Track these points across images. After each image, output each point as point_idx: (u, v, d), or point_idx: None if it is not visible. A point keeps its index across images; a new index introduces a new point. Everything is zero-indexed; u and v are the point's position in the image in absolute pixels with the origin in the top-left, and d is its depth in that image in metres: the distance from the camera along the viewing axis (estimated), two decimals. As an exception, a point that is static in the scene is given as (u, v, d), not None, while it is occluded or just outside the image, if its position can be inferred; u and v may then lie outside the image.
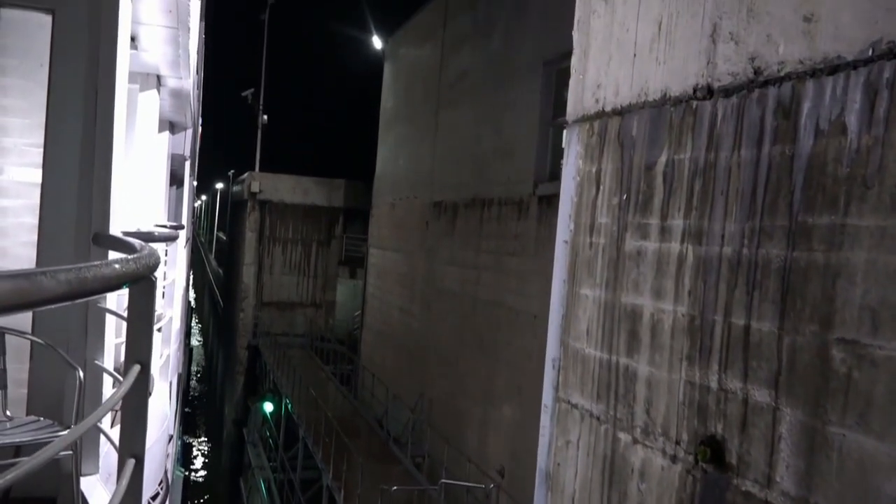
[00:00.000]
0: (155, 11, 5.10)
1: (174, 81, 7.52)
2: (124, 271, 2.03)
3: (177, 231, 7.27)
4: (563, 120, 12.83)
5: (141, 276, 2.22)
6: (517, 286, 14.18)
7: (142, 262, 2.21)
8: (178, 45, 6.01)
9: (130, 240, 3.33)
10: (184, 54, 6.38)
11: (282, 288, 32.01)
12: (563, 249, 4.50)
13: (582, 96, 4.50)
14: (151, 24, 5.42)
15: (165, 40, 5.88)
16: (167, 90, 7.88)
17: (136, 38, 5.67)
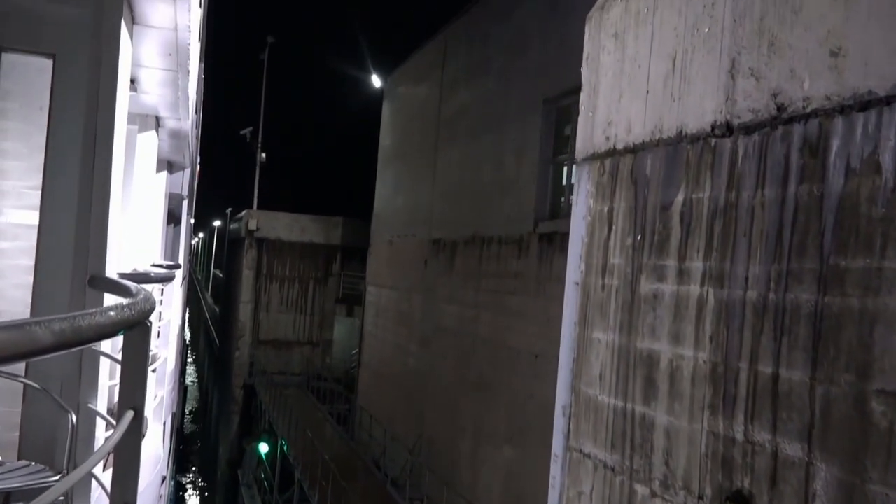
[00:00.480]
0: (155, 55, 5.13)
1: (173, 122, 7.56)
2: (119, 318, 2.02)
3: (173, 271, 7.29)
4: (563, 158, 12.79)
5: (136, 322, 2.20)
6: (518, 325, 13.99)
7: (137, 308, 2.20)
8: (177, 87, 6.04)
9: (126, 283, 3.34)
10: (183, 96, 6.40)
11: (278, 326, 31.71)
12: (573, 291, 4.35)
13: (592, 134, 4.39)
14: (151, 67, 5.45)
15: (165, 83, 5.92)
16: (166, 131, 7.94)
17: (136, 81, 5.71)
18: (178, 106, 6.75)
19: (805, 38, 2.89)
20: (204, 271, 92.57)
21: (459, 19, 19.94)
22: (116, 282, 3.58)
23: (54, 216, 3.74)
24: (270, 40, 39.34)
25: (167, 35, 4.73)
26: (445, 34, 20.94)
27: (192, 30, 4.73)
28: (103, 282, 3.68)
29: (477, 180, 17.13)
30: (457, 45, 19.97)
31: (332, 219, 33.24)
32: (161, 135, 7.89)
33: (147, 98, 6.37)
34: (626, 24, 4.16)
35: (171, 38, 4.80)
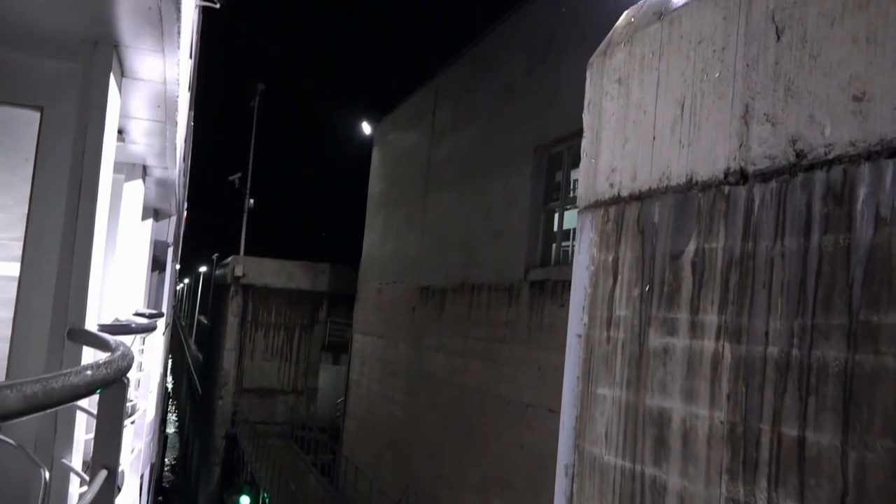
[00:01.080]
0: (143, 107, 5.15)
1: (160, 171, 7.62)
2: (94, 378, 2.00)
3: (155, 321, 7.19)
4: (554, 205, 12.69)
5: (112, 380, 2.18)
6: (508, 374, 13.73)
7: (113, 367, 2.19)
8: (165, 137, 6.06)
9: (105, 337, 3.35)
10: (170, 146, 6.43)
11: (263, 374, 31.20)
12: (575, 343, 4.16)
13: (595, 181, 4.25)
14: (140, 119, 5.48)
15: (153, 133, 5.94)
16: (153, 179, 7.98)
17: (123, 131, 5.74)
18: (165, 155, 6.77)
19: (825, 83, 2.77)
20: (188, 318, 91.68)
21: (450, 67, 20.07)
22: (95, 335, 3.54)
23: (35, 268, 3.74)
24: (261, 87, 39.55)
25: (156, 87, 4.74)
26: (436, 82, 21.07)
27: (180, 83, 4.74)
28: (82, 335, 3.64)
29: (467, 227, 17.03)
30: (447, 93, 20.06)
31: (319, 265, 33.02)
32: (148, 183, 7.92)
33: (135, 148, 6.40)
34: (630, 70, 4.05)
35: (159, 90, 4.80)
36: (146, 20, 3.70)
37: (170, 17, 3.70)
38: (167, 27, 3.79)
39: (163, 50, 4.09)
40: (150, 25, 3.75)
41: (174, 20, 3.76)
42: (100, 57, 3.92)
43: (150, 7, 3.55)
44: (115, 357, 2.30)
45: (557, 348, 12.05)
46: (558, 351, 12.28)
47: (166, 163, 7.13)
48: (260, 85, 39.83)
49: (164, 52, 4.12)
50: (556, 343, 12.16)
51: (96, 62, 3.92)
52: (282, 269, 32.64)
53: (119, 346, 2.68)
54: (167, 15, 3.65)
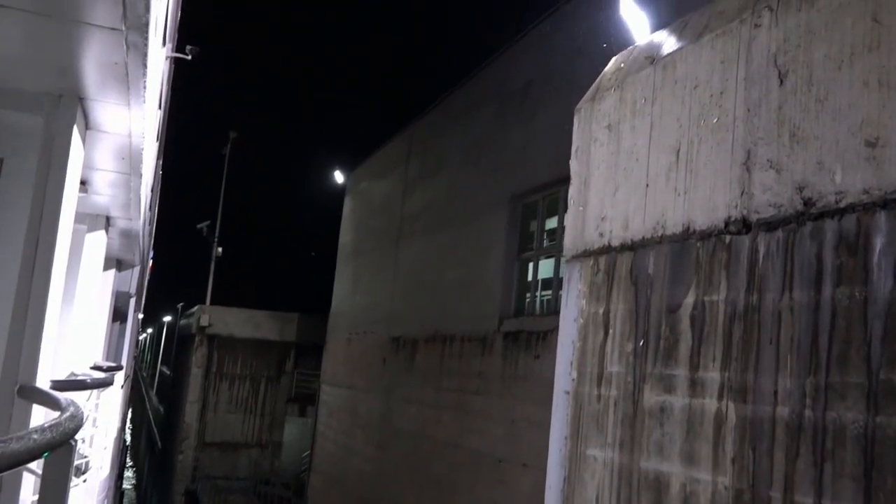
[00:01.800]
0: (108, 158, 5.10)
1: (124, 222, 7.56)
2: (38, 444, 1.91)
3: (112, 375, 7.10)
4: (529, 255, 12.55)
5: (58, 444, 2.10)
6: (481, 427, 13.39)
7: (59, 430, 2.11)
8: (129, 189, 5.99)
9: (55, 395, 3.22)
10: (135, 197, 6.36)
11: (226, 427, 30.31)
12: (562, 401, 3.94)
13: (583, 230, 4.09)
14: (104, 170, 5.41)
15: (117, 184, 5.87)
16: (117, 230, 7.91)
17: (87, 182, 5.66)
18: (129, 207, 6.70)
19: (833, 128, 2.64)
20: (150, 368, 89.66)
21: (424, 117, 20.11)
22: (46, 393, 3.45)
23: (-13, 321, 3.64)
24: (233, 135, 39.39)
25: (121, 140, 4.67)
26: (409, 131, 21.07)
27: (146, 135, 4.69)
28: (32, 393, 3.54)
29: (440, 277, 16.82)
30: (421, 142, 20.05)
31: (287, 314, 32.45)
32: (111, 234, 7.83)
33: (98, 199, 6.32)
34: (620, 116, 3.93)
35: (124, 142, 4.73)
36: (112, 75, 3.64)
37: (136, 72, 3.62)
38: (133, 82, 3.72)
39: (129, 103, 4.02)
40: (116, 80, 3.69)
41: (140, 75, 3.67)
42: (64, 110, 3.88)
43: (117, 62, 3.48)
44: (62, 419, 2.20)
45: (532, 401, 11.79)
46: (533, 403, 12.05)
47: (130, 214, 7.05)
48: (232, 133, 39.70)
49: (130, 106, 4.06)
50: (530, 395, 11.90)
51: (60, 115, 3.87)
52: (249, 318, 32.02)
53: (69, 406, 2.57)
54: (134, 70, 3.58)
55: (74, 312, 6.84)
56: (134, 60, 3.48)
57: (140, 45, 3.33)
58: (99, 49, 3.37)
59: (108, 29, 3.19)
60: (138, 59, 3.47)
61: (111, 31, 3.21)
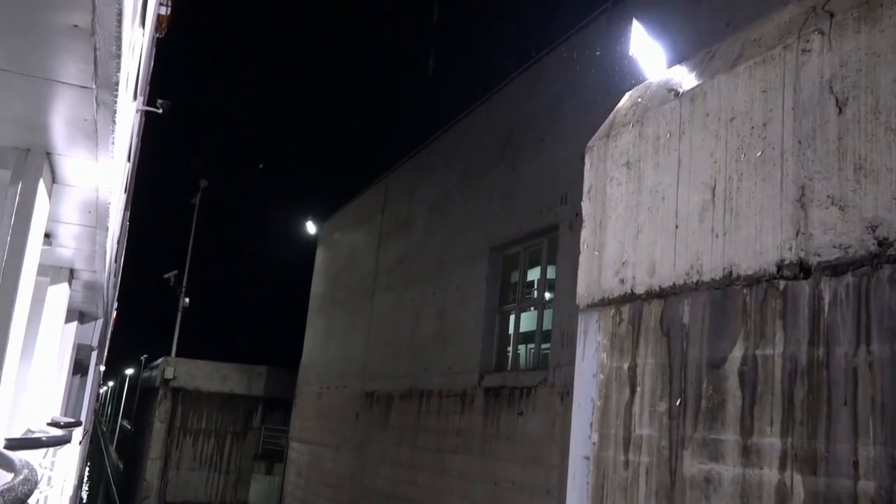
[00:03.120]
0: (74, 211, 5.07)
1: (88, 275, 7.48)
2: None
3: (70, 431, 7.01)
4: (510, 307, 12.17)
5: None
6: (460, 489, 12.81)
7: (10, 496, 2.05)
8: (95, 242, 5.95)
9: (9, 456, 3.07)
10: (100, 250, 6.31)
11: (188, 486, 29.07)
12: (581, 467, 3.53)
13: (600, 276, 3.74)
14: (69, 223, 5.39)
15: (82, 238, 5.83)
16: (80, 282, 7.80)
17: (51, 235, 5.61)
18: (94, 259, 6.64)
19: (912, 158, 2.33)
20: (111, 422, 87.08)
21: (399, 167, 19.87)
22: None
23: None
24: (203, 184, 38.85)
25: (88, 194, 4.64)
26: (384, 182, 20.80)
27: (113, 189, 4.68)
28: None
29: (416, 330, 16.35)
30: (396, 193, 19.77)
31: (255, 368, 31.55)
32: (74, 286, 7.75)
33: (63, 251, 6.24)
34: (641, 152, 3.62)
35: (91, 196, 4.70)
36: (81, 131, 3.61)
37: (105, 129, 3.59)
38: (102, 137, 3.69)
39: (97, 158, 3.97)
40: (85, 136, 3.66)
41: (110, 131, 3.65)
42: (31, 164, 3.86)
43: (86, 119, 3.46)
44: (14, 483, 2.14)
45: (515, 460, 11.29)
46: (516, 463, 11.55)
47: (95, 266, 6.95)
48: (202, 181, 39.15)
49: (98, 160, 4.02)
50: (513, 455, 11.40)
51: (26, 169, 3.84)
52: (215, 371, 31.07)
53: (23, 469, 2.48)
54: (103, 126, 3.55)
55: (33, 366, 6.63)
56: (103, 117, 3.45)
57: (110, 102, 3.32)
58: (68, 106, 3.35)
59: (79, 87, 3.16)
60: (108, 115, 3.45)
61: (81, 89, 3.18)
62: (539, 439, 10.78)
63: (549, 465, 10.41)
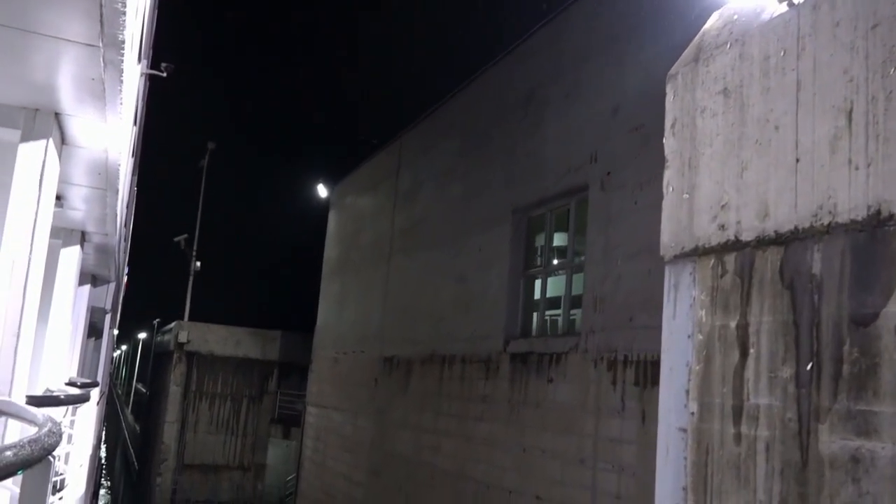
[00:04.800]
0: (83, 173, 5.16)
1: (99, 238, 7.61)
2: (17, 459, 1.96)
3: (88, 391, 7.10)
4: (536, 271, 11.69)
5: (36, 460, 2.10)
6: (486, 455, 12.46)
7: (38, 446, 2.12)
8: (105, 204, 6.02)
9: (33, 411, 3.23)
10: (111, 213, 6.42)
11: (206, 449, 29.07)
12: (676, 440, 3.07)
13: (690, 223, 3.24)
14: (79, 185, 5.48)
15: (93, 200, 5.91)
16: (92, 245, 7.93)
17: (62, 197, 5.72)
18: (105, 222, 6.76)
19: None
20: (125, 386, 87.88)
21: (415, 127, 19.27)
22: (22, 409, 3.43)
23: (-40, 338, 3.64)
24: (211, 146, 38.35)
25: (97, 155, 4.71)
26: (399, 142, 20.22)
27: (122, 151, 4.74)
28: (8, 408, 3.49)
29: (436, 294, 15.90)
30: (412, 153, 19.20)
31: (269, 332, 31.37)
32: (86, 249, 7.87)
33: (74, 214, 6.38)
34: (743, 77, 3.10)
35: (101, 158, 4.76)
36: (88, 90, 3.67)
37: (113, 88, 3.64)
38: (110, 97, 3.74)
39: (105, 119, 4.03)
40: (93, 96, 3.72)
41: (117, 91, 3.70)
42: (40, 124, 3.93)
43: (94, 78, 3.50)
44: (40, 435, 2.23)
45: (545, 428, 10.90)
46: (546, 431, 11.16)
47: (106, 229, 7.10)
48: (210, 144, 38.66)
49: (107, 121, 4.08)
50: (543, 422, 11.01)
51: (36, 129, 3.91)
52: (229, 335, 30.91)
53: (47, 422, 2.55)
54: (110, 85, 3.60)
55: (49, 328, 6.80)
56: (111, 76, 3.49)
57: (117, 61, 3.35)
58: (76, 65, 3.38)
59: (85, 45, 3.20)
60: (115, 74, 3.49)
61: (88, 48, 3.22)
62: (571, 407, 10.38)
63: (582, 434, 10.02)
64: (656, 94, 9.71)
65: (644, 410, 8.97)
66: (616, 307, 9.81)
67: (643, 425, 8.96)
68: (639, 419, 9.04)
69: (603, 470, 9.51)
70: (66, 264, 7.12)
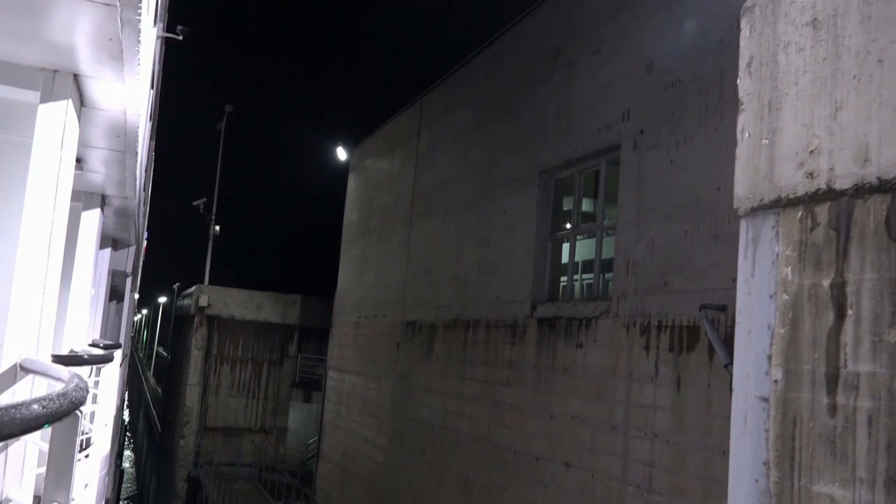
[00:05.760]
0: (103, 135, 5.18)
1: (119, 201, 7.67)
2: (47, 411, 2.02)
3: (111, 352, 7.13)
4: (564, 233, 11.36)
5: (65, 413, 2.18)
6: (513, 422, 12.28)
7: (67, 399, 2.21)
8: (124, 167, 6.06)
9: (59, 368, 3.30)
10: (130, 176, 6.47)
11: (228, 412, 29.24)
12: (756, 410, 2.79)
13: (771, 171, 2.92)
14: (99, 148, 5.51)
15: (112, 163, 5.94)
16: (112, 209, 8.01)
17: (82, 160, 5.77)
18: (124, 185, 6.82)
19: None
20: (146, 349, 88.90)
21: (436, 88, 18.84)
22: (49, 367, 3.51)
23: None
24: (229, 109, 38.04)
25: (116, 117, 4.75)
26: (420, 103, 19.81)
27: (140, 113, 4.77)
28: (35, 366, 3.61)
29: (460, 258, 15.64)
30: (434, 114, 18.80)
31: (289, 297, 31.34)
32: (106, 212, 7.95)
33: (94, 177, 6.46)
34: (837, 4, 2.75)
35: (119, 120, 4.79)
36: (106, 51, 3.70)
37: (130, 49, 3.68)
38: (128, 58, 3.78)
39: (123, 80, 4.07)
40: (111, 56, 3.74)
41: (135, 52, 3.73)
42: (59, 85, 3.95)
43: (111, 38, 3.54)
44: (68, 389, 2.30)
45: (574, 394, 10.67)
46: (575, 397, 10.93)
47: (126, 192, 7.16)
48: (228, 107, 38.33)
49: (125, 83, 4.12)
50: (571, 388, 10.78)
51: (55, 91, 3.94)
52: (249, 299, 30.91)
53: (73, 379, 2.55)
54: (128, 46, 3.64)
55: (72, 290, 6.88)
56: (128, 37, 3.52)
57: (134, 21, 3.37)
58: (93, 25, 3.40)
59: (103, 4, 3.21)
60: (132, 35, 3.52)
61: (105, 7, 3.23)
62: (601, 373, 10.13)
63: (613, 401, 9.78)
64: (694, 48, 9.30)
65: (679, 377, 8.71)
66: (649, 271, 9.50)
67: (678, 392, 8.70)
68: (673, 386, 8.78)
69: (635, 437, 9.28)
70: (86, 227, 7.17)
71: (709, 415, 8.21)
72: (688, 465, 8.43)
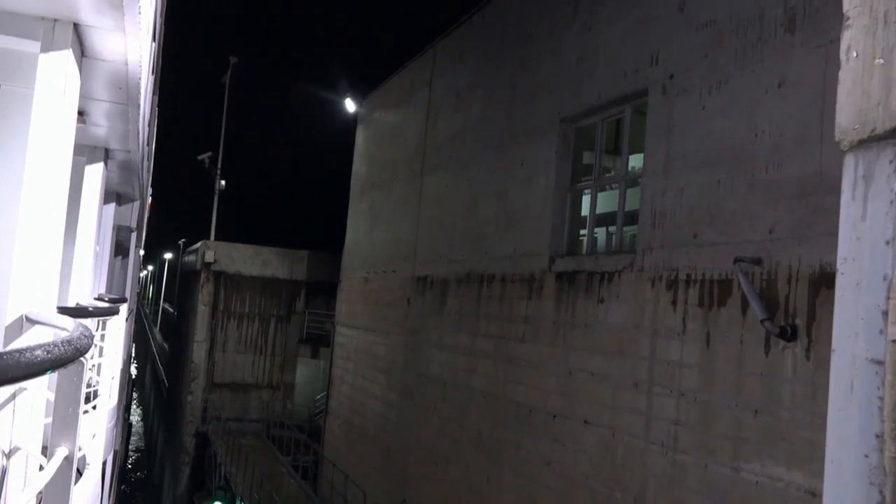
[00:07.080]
0: (105, 87, 5.16)
1: (123, 155, 7.61)
2: (52, 355, 2.02)
3: (117, 305, 7.12)
4: (585, 185, 10.91)
5: (70, 359, 2.20)
6: (529, 378, 11.98)
7: (72, 345, 2.22)
8: (127, 120, 6.02)
9: (64, 318, 3.37)
10: (133, 129, 6.43)
11: (235, 367, 29.15)
12: (865, 374, 2.40)
13: (887, 96, 2.49)
14: (101, 100, 5.47)
15: (115, 115, 5.89)
16: (115, 163, 7.95)
17: (84, 113, 5.72)
18: (128, 139, 6.79)
19: None
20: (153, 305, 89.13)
21: (450, 35, 18.19)
22: (54, 317, 3.57)
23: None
24: (233, 61, 37.26)
25: (118, 68, 4.70)
26: (433, 51, 19.16)
27: (142, 64, 4.74)
28: (42, 317, 3.63)
29: (473, 211, 15.20)
30: (447, 62, 18.19)
31: (296, 252, 31.02)
32: (110, 167, 7.90)
33: (96, 130, 6.42)
34: None
35: (121, 71, 4.75)
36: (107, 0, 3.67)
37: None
38: (128, 6, 3.75)
39: (124, 29, 4.03)
40: (111, 5, 3.72)
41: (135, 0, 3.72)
42: (59, 35, 3.92)
43: None
44: (73, 336, 2.30)
45: (595, 350, 10.34)
46: (596, 353, 10.59)
47: (129, 146, 7.13)
48: (232, 58, 37.53)
49: (126, 32, 4.08)
50: (592, 344, 10.45)
51: (55, 41, 3.91)
52: (256, 255, 30.61)
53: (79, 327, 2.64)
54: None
55: (77, 245, 6.89)
56: None
57: None
58: None
59: None
60: None
61: None
62: (624, 328, 9.78)
63: (636, 357, 9.44)
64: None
65: (709, 333, 8.34)
66: (678, 222, 9.07)
67: (707, 348, 8.35)
68: (702, 342, 8.42)
69: (659, 395, 8.96)
70: (90, 181, 7.16)
71: (740, 372, 7.87)
72: (716, 424, 8.11)
